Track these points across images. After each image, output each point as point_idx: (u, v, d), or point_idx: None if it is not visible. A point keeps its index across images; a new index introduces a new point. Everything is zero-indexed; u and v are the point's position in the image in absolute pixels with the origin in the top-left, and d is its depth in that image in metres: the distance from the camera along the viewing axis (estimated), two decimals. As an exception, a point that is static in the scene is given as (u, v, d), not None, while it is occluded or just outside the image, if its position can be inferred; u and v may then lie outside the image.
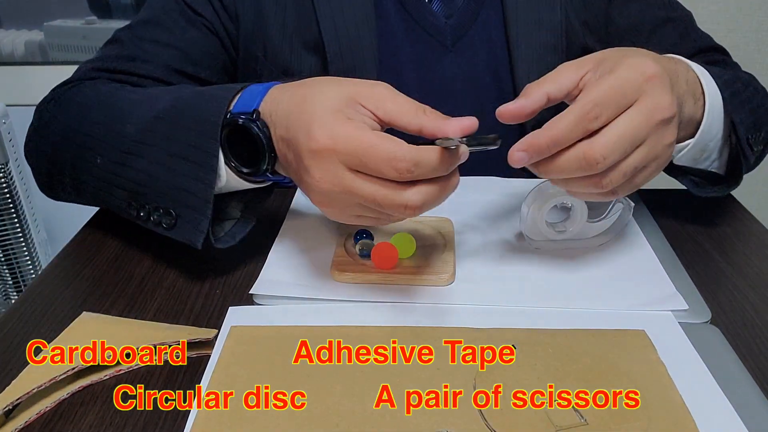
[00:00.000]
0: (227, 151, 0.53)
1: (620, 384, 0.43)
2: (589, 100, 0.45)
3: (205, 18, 0.74)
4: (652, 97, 0.46)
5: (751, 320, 0.51)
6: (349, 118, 0.45)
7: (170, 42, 0.73)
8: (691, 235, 0.64)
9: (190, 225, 0.54)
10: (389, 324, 0.49)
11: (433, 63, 0.77)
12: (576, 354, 0.46)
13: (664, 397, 0.42)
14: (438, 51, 0.77)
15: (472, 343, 0.47)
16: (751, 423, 0.40)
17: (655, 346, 0.47)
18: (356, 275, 0.54)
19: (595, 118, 0.45)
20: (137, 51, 0.72)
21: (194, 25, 0.74)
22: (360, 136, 0.44)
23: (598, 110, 0.45)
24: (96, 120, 0.61)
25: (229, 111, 0.52)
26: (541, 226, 0.57)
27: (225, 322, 0.50)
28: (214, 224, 0.57)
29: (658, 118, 0.46)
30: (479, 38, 0.77)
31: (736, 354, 0.47)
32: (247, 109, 0.51)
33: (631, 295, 0.53)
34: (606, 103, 0.45)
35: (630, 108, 0.46)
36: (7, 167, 1.39)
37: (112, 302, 0.55)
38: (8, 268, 1.47)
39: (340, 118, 0.45)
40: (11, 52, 1.79)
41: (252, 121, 0.51)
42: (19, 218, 1.44)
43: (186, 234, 0.54)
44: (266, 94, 0.52)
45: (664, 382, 0.43)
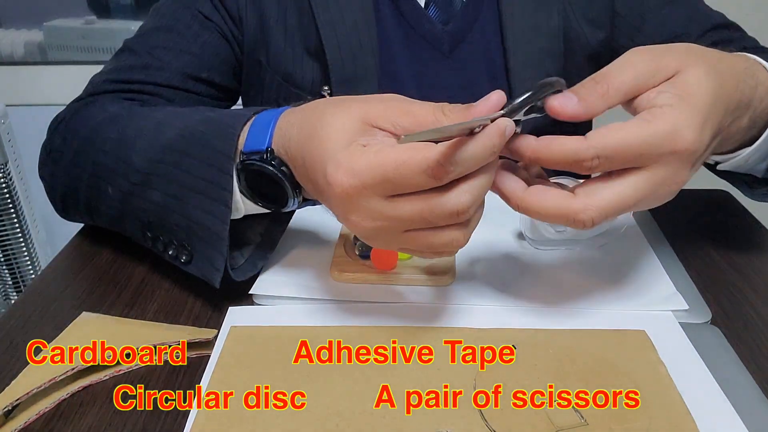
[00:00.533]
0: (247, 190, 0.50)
1: (620, 384, 0.43)
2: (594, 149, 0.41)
3: (214, 22, 0.74)
4: (667, 171, 0.42)
5: (751, 320, 0.51)
6: (365, 145, 0.42)
7: (184, 48, 0.73)
8: (692, 235, 0.64)
9: (207, 262, 0.51)
10: (389, 324, 0.49)
11: (430, 70, 0.77)
12: (576, 354, 0.46)
13: (664, 397, 0.42)
14: (435, 58, 0.76)
15: (472, 343, 0.47)
16: (751, 423, 0.40)
17: (655, 346, 0.47)
18: (356, 275, 0.54)
19: (592, 168, 0.42)
20: (150, 59, 0.71)
21: (207, 29, 0.74)
22: (383, 162, 0.40)
23: (597, 162, 0.41)
24: (104, 148, 0.58)
25: (241, 151, 0.49)
26: (541, 225, 0.57)
27: (225, 322, 0.50)
28: (233, 251, 0.55)
29: (662, 192, 0.43)
30: (476, 45, 0.76)
31: (736, 354, 0.47)
32: (260, 146, 0.48)
33: (631, 295, 0.53)
34: (613, 158, 0.41)
35: (638, 172, 0.42)
36: (6, 167, 1.39)
37: (112, 302, 0.54)
38: (8, 268, 1.47)
39: (356, 150, 0.41)
40: (11, 52, 1.79)
41: (266, 162, 0.48)
42: (19, 218, 1.44)
43: (203, 271, 0.52)
44: (275, 127, 0.48)
45: (664, 382, 0.43)
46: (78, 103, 0.68)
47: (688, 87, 0.43)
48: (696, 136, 0.42)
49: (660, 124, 0.41)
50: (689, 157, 0.42)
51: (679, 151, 0.41)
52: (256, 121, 0.50)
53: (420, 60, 0.76)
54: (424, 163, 0.38)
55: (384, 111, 0.43)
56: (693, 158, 0.42)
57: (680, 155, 0.42)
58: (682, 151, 0.41)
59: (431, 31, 0.75)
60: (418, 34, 0.76)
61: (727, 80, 0.45)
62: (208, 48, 0.74)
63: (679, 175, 0.42)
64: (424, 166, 0.38)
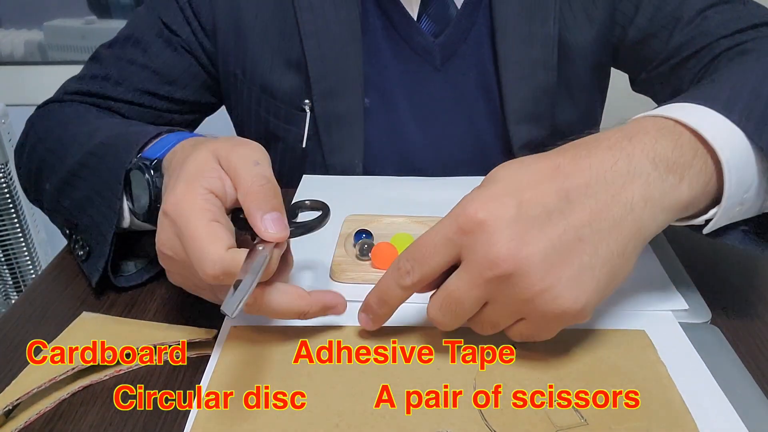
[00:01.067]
0: (129, 199, 0.54)
1: (620, 384, 0.43)
2: (402, 253, 0.43)
3: (181, 37, 0.74)
4: (476, 253, 0.39)
5: (751, 320, 0.51)
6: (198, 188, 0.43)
7: (145, 63, 0.74)
8: (691, 235, 0.64)
9: (94, 260, 0.54)
10: (389, 324, 0.49)
11: (421, 83, 0.75)
12: (576, 354, 0.46)
13: (664, 397, 0.42)
14: (426, 71, 0.75)
15: (472, 343, 0.47)
16: (751, 423, 0.40)
17: (655, 346, 0.47)
18: (356, 275, 0.54)
19: (407, 273, 0.42)
20: (113, 71, 0.74)
21: (170, 45, 0.74)
22: (189, 214, 0.42)
23: (408, 265, 0.41)
24: (50, 147, 0.63)
25: (140, 155, 0.53)
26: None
27: (225, 322, 0.50)
28: (130, 259, 0.58)
29: (489, 276, 0.39)
30: (469, 56, 0.75)
31: (736, 354, 0.47)
32: (154, 155, 0.52)
33: (631, 295, 0.53)
34: (417, 257, 0.41)
35: (459, 267, 0.41)
36: (6, 167, 1.39)
37: (112, 302, 0.54)
38: (8, 268, 1.48)
39: (190, 184, 0.43)
40: (10, 52, 1.79)
41: (147, 168, 0.51)
42: (19, 218, 1.44)
43: (89, 269, 0.55)
44: (177, 144, 0.51)
45: (664, 382, 0.43)
46: (45, 107, 0.74)
47: (485, 180, 0.42)
48: (481, 206, 0.39)
49: (447, 215, 0.41)
50: (484, 230, 0.38)
51: (464, 228, 0.39)
52: (167, 138, 0.53)
53: (410, 73, 0.75)
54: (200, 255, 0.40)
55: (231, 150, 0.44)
56: (493, 227, 0.38)
57: (470, 233, 0.39)
58: (465, 228, 0.39)
59: (422, 44, 0.74)
60: (409, 47, 0.74)
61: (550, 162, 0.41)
62: (171, 65, 0.75)
63: (489, 251, 0.38)
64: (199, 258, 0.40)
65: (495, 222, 0.38)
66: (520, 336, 0.43)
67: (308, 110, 0.75)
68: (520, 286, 0.39)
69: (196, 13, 0.73)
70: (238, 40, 0.74)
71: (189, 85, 0.76)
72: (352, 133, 0.75)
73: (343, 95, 0.74)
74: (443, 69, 0.75)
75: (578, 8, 0.74)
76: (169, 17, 0.74)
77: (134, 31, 0.75)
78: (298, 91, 0.75)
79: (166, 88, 0.75)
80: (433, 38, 0.74)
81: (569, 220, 0.39)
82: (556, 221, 0.39)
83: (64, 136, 0.63)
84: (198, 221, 0.41)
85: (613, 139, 0.41)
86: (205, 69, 0.77)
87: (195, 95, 0.78)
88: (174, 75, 0.75)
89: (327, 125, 0.75)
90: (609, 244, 0.39)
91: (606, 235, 0.39)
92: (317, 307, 0.45)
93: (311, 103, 0.74)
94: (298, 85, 0.74)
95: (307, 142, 0.76)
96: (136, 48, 0.74)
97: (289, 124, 0.77)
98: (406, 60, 0.75)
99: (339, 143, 0.76)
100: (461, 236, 0.39)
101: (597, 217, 0.39)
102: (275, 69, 0.74)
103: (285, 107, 0.76)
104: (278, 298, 0.43)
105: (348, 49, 0.72)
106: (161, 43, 0.74)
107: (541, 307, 0.39)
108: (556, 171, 0.40)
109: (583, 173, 0.39)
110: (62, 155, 0.60)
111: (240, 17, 0.73)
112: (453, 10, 0.74)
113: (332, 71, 0.73)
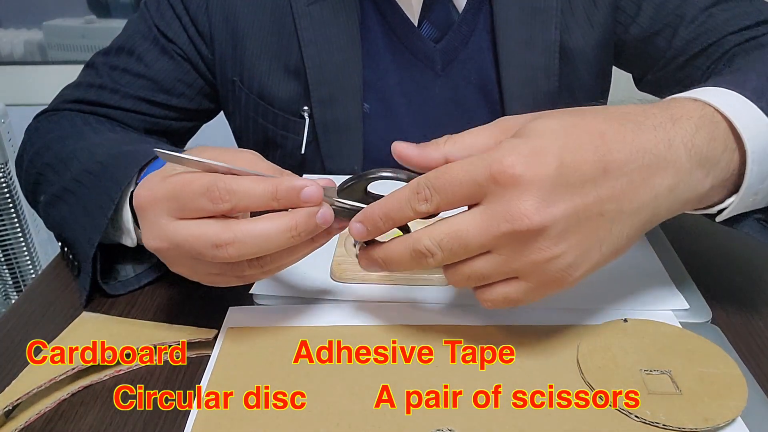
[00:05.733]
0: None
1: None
2: (423, 177, 0.40)
3: (178, 45, 0.74)
4: (500, 203, 0.38)
5: (751, 320, 0.51)
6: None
7: (140, 72, 0.74)
8: (692, 234, 0.64)
9: (83, 278, 0.54)
10: (389, 324, 0.49)
11: (421, 88, 0.75)
12: (576, 354, 0.46)
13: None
14: (427, 76, 0.74)
15: (472, 342, 0.47)
16: (751, 423, 0.40)
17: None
18: (356, 275, 0.54)
19: (425, 200, 0.40)
20: (108, 80, 0.73)
21: (166, 53, 0.74)
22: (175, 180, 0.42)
23: (428, 193, 0.40)
24: (47, 161, 0.63)
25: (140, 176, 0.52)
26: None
27: (225, 323, 0.50)
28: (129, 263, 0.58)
29: (505, 229, 0.38)
30: (469, 61, 0.74)
31: (737, 354, 0.47)
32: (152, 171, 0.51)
33: (631, 294, 0.53)
34: (439, 187, 0.39)
35: (473, 207, 0.39)
36: (6, 167, 1.39)
37: (112, 302, 0.54)
38: (8, 268, 1.47)
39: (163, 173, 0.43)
40: (10, 51, 1.79)
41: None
42: (19, 218, 1.44)
43: (80, 285, 0.55)
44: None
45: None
46: (42, 116, 0.74)
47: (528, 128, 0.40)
48: (520, 160, 0.37)
49: (481, 155, 0.39)
50: (516, 184, 0.37)
51: (496, 175, 0.38)
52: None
53: (411, 78, 0.75)
54: (205, 185, 0.40)
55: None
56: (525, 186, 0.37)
57: (500, 182, 0.38)
58: (498, 176, 0.37)
59: (422, 49, 0.73)
60: (409, 52, 0.74)
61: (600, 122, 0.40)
62: (167, 72, 0.74)
63: (518, 206, 0.37)
64: (204, 188, 0.40)
65: (530, 180, 0.37)
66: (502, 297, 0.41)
67: (307, 117, 0.75)
68: (533, 247, 0.38)
69: (194, 20, 0.73)
70: (235, 46, 0.73)
71: (186, 92, 0.76)
72: (351, 139, 0.75)
73: (343, 101, 0.73)
74: (444, 74, 0.75)
75: (580, 13, 0.73)
76: (165, 25, 0.73)
77: (127, 41, 0.75)
78: (296, 97, 0.74)
79: (162, 96, 0.74)
80: (434, 43, 0.73)
81: (599, 192, 0.39)
82: (587, 191, 0.38)
83: (64, 150, 0.62)
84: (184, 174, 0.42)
85: (659, 118, 0.41)
86: (203, 76, 0.76)
87: (192, 102, 0.77)
88: (170, 83, 0.75)
89: (326, 131, 0.75)
90: (624, 226, 0.40)
91: (626, 217, 0.40)
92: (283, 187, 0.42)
93: (310, 109, 0.74)
94: (297, 91, 0.74)
95: (306, 148, 0.76)
96: (130, 57, 0.74)
97: (288, 131, 0.77)
98: (406, 65, 0.74)
99: (338, 149, 0.76)
100: (491, 184, 0.38)
101: (625, 197, 0.39)
102: (273, 75, 0.74)
103: (283, 114, 0.75)
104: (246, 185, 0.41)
105: (347, 55, 0.72)
106: (157, 51, 0.74)
107: (545, 270, 0.39)
108: (601, 139, 0.39)
109: (625, 149, 0.39)
110: (59, 170, 0.60)
111: (237, 24, 0.72)
112: (455, 15, 0.73)
113: (331, 77, 0.72)
